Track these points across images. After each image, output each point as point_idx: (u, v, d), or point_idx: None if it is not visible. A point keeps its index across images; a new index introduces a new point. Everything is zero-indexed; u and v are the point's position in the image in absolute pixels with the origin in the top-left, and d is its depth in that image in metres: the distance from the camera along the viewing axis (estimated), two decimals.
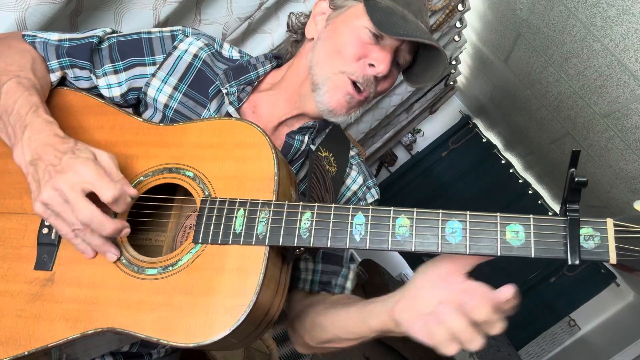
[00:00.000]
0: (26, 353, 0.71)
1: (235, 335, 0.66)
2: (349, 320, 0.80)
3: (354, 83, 0.86)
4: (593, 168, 3.05)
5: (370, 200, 1.02)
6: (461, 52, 3.34)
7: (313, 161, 0.89)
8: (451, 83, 3.76)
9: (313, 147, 0.95)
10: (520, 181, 4.73)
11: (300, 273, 0.95)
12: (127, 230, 0.72)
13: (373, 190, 1.03)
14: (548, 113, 3.13)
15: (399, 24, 0.83)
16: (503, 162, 4.75)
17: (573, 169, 0.59)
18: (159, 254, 0.84)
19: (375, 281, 3.71)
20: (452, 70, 3.51)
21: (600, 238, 0.59)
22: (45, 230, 0.78)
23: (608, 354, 4.19)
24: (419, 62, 0.92)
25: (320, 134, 0.97)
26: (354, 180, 1.00)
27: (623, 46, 1.94)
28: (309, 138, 0.94)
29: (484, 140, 4.81)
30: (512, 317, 0.59)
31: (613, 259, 0.58)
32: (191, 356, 1.28)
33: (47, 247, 0.77)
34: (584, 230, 0.60)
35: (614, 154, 2.69)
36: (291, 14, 1.01)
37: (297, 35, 1.00)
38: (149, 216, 0.83)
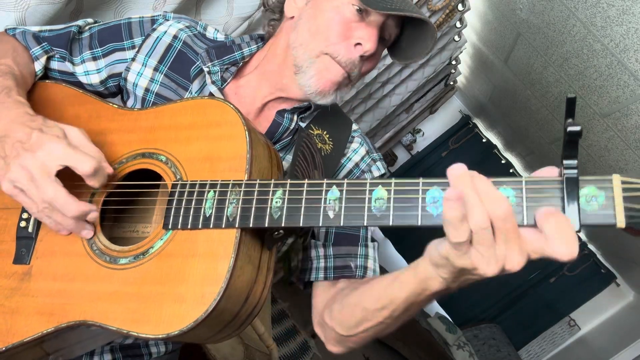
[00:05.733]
0: (4, 348, 0.70)
1: (209, 324, 0.63)
2: (377, 285, 0.72)
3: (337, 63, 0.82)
4: (593, 168, 3.05)
5: (376, 173, 0.96)
6: (461, 52, 3.34)
7: (302, 138, 0.85)
8: (451, 83, 3.76)
9: (303, 125, 0.92)
10: None
11: (311, 262, 0.89)
12: (95, 214, 0.71)
13: (379, 164, 0.97)
14: (548, 113, 3.13)
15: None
16: (503, 162, 4.75)
17: (570, 119, 0.51)
18: None
19: None
20: (452, 70, 3.51)
21: (605, 198, 0.50)
22: (22, 224, 0.77)
23: (608, 354, 4.19)
24: (404, 36, 0.89)
25: (312, 112, 0.94)
26: (356, 151, 0.96)
27: (623, 46, 1.94)
28: (298, 116, 0.91)
29: (484, 140, 4.81)
30: (512, 317, 0.54)
31: (621, 221, 0.49)
32: (191, 355, 1.28)
33: (25, 240, 0.76)
34: (585, 190, 0.51)
35: (614, 154, 2.69)
36: None
37: (275, 14, 0.95)
38: (135, 202, 0.82)
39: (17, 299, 0.72)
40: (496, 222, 0.50)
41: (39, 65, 0.89)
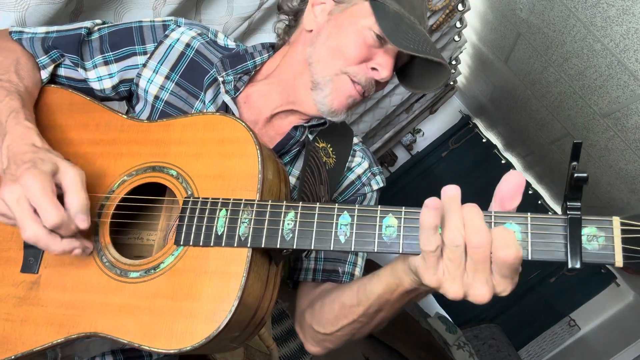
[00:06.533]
0: (13, 357, 0.70)
1: (219, 340, 0.64)
2: (356, 282, 0.74)
3: (354, 83, 0.84)
4: (593, 168, 3.04)
5: (375, 187, 0.98)
6: (461, 52, 3.34)
7: (309, 152, 0.86)
8: (451, 83, 3.76)
9: (310, 137, 0.92)
10: None
11: (301, 262, 0.90)
12: (78, 251, 0.67)
13: (378, 177, 0.99)
14: (548, 113, 3.13)
15: (408, 34, 0.81)
16: (503, 162, 4.75)
17: (575, 162, 0.54)
18: (150, 253, 0.83)
19: None
20: (452, 70, 3.51)
21: (605, 238, 0.54)
22: None
23: (608, 354, 4.19)
24: (416, 66, 0.90)
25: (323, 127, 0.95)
26: (359, 164, 0.98)
27: (623, 46, 1.94)
28: (308, 130, 0.92)
29: (484, 140, 4.81)
30: (512, 317, 0.55)
31: (619, 261, 0.53)
32: (191, 356, 1.28)
33: (33, 249, 0.75)
34: (587, 230, 0.54)
35: (614, 154, 2.69)
36: None
37: (290, 20, 0.96)
38: (140, 214, 0.82)
39: (26, 308, 0.72)
40: (470, 250, 0.53)
41: (45, 74, 0.89)
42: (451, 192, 0.55)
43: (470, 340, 4.63)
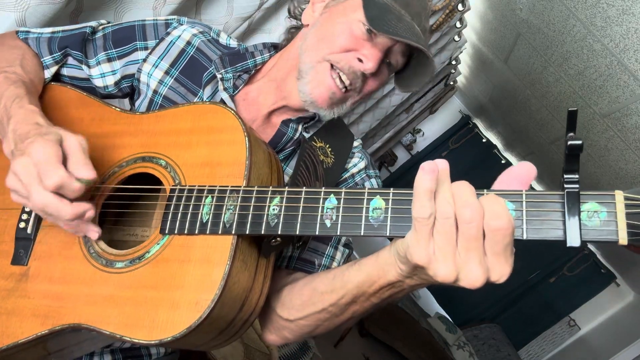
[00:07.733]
0: None
1: (203, 331, 0.63)
2: (335, 269, 0.72)
3: (338, 74, 0.83)
4: (593, 168, 3.05)
5: (368, 188, 0.97)
6: (461, 52, 3.33)
7: (305, 149, 0.86)
8: (451, 83, 3.76)
9: (307, 135, 0.92)
10: None
11: (282, 251, 0.89)
12: (91, 213, 0.67)
13: (373, 180, 0.98)
14: (548, 113, 3.13)
15: (392, 23, 0.81)
16: (503, 162, 4.75)
17: (571, 133, 0.50)
18: None
19: None
20: (452, 70, 3.51)
21: (607, 214, 0.49)
22: (22, 225, 0.77)
23: (608, 354, 4.19)
24: (411, 66, 0.90)
25: (316, 124, 0.95)
26: (355, 164, 0.97)
27: (623, 46, 1.94)
28: (302, 126, 0.92)
29: (484, 140, 4.82)
30: (512, 317, 0.53)
31: (623, 238, 0.48)
32: (191, 356, 1.28)
33: (24, 241, 0.76)
34: (587, 206, 0.50)
35: (614, 154, 2.69)
36: (292, 0, 0.98)
37: (297, 22, 0.97)
38: (134, 211, 0.82)
39: (14, 300, 0.72)
40: (461, 226, 0.50)
41: (48, 74, 0.90)
42: (441, 165, 0.53)
43: (470, 340, 4.63)
